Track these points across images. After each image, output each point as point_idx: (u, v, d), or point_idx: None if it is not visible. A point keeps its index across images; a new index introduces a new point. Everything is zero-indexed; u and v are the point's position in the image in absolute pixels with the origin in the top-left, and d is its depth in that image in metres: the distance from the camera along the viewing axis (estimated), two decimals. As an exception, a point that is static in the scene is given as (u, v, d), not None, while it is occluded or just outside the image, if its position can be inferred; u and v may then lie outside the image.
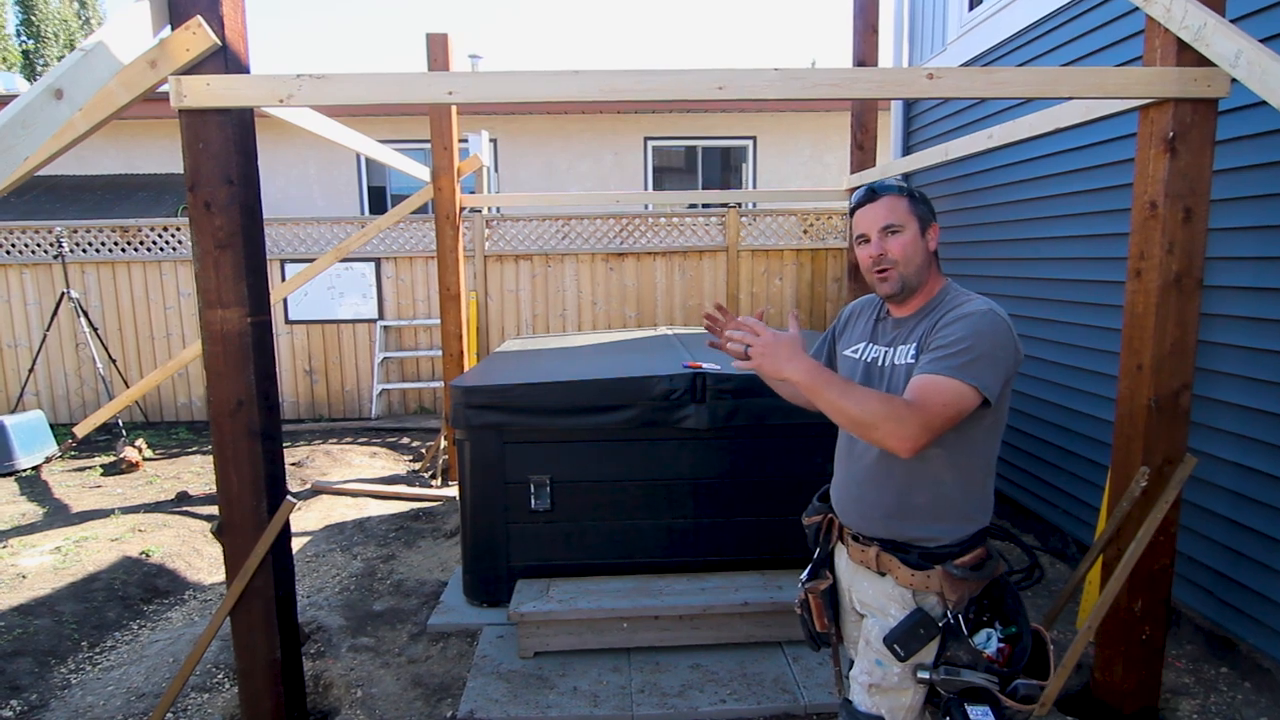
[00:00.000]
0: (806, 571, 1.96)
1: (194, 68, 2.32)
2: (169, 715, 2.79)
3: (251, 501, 2.52)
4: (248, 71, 2.45)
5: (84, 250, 7.31)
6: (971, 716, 1.60)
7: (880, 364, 1.78)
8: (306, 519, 4.88)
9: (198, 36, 2.29)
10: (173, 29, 2.31)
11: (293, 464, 6.06)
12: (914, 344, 1.71)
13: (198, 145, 2.37)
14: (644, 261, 7.60)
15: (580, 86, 2.34)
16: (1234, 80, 2.27)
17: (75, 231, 7.28)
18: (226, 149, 2.37)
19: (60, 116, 2.01)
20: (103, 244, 7.34)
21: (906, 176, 5.86)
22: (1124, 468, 2.66)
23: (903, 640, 1.66)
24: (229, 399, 2.47)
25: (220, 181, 2.38)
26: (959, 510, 1.70)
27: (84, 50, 2.08)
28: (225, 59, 2.35)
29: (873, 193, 1.75)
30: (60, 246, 6.83)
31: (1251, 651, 2.89)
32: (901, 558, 1.71)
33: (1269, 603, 2.82)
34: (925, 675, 1.66)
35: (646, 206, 9.28)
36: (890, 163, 5.18)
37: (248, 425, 2.48)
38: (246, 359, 2.46)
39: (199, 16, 2.28)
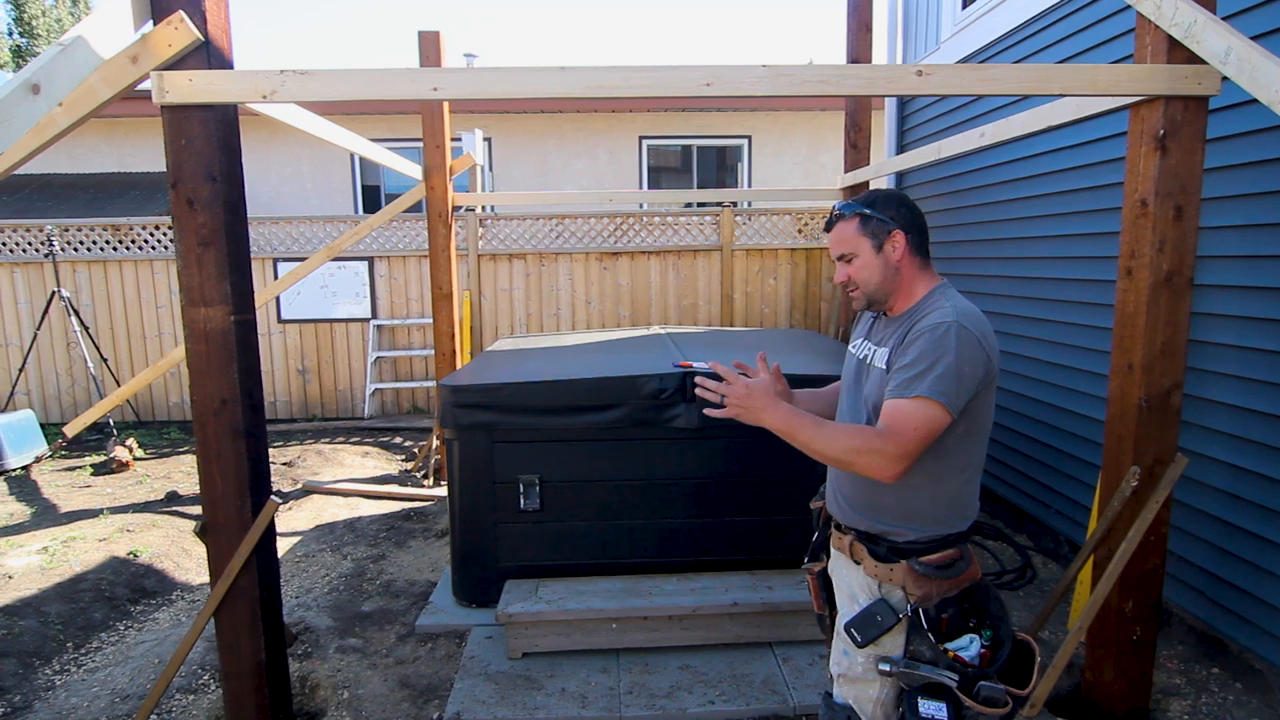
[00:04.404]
0: (808, 553, 2.03)
1: (176, 63, 2.29)
2: (153, 717, 2.76)
3: (235, 501, 2.49)
4: (231, 67, 2.43)
5: (75, 249, 7.27)
6: (922, 710, 1.59)
7: (867, 361, 1.82)
8: (297, 519, 4.85)
9: (180, 31, 2.26)
10: (155, 24, 2.28)
11: (284, 463, 6.03)
12: (888, 350, 1.72)
13: (180, 142, 2.34)
14: (638, 261, 7.58)
15: (567, 83, 2.32)
16: (1225, 78, 2.26)
17: (66, 230, 7.24)
18: (209, 145, 2.35)
19: (38, 111, 1.98)
20: (94, 243, 7.30)
21: (900, 175, 5.86)
22: (1115, 467, 2.65)
23: (860, 625, 1.69)
24: (212, 398, 2.44)
25: (203, 178, 2.36)
26: (926, 513, 1.71)
27: (62, 45, 2.06)
28: (208, 54, 2.33)
29: (830, 219, 1.81)
30: (51, 245, 6.79)
31: (1243, 652, 2.88)
32: (870, 549, 1.74)
33: (1261, 603, 2.80)
34: (886, 668, 1.66)
35: (641, 205, 9.26)
36: (884, 161, 5.17)
37: (231, 424, 2.46)
38: (230, 358, 2.44)
39: (181, 11, 2.26)
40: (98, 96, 2.28)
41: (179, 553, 4.29)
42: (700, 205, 8.87)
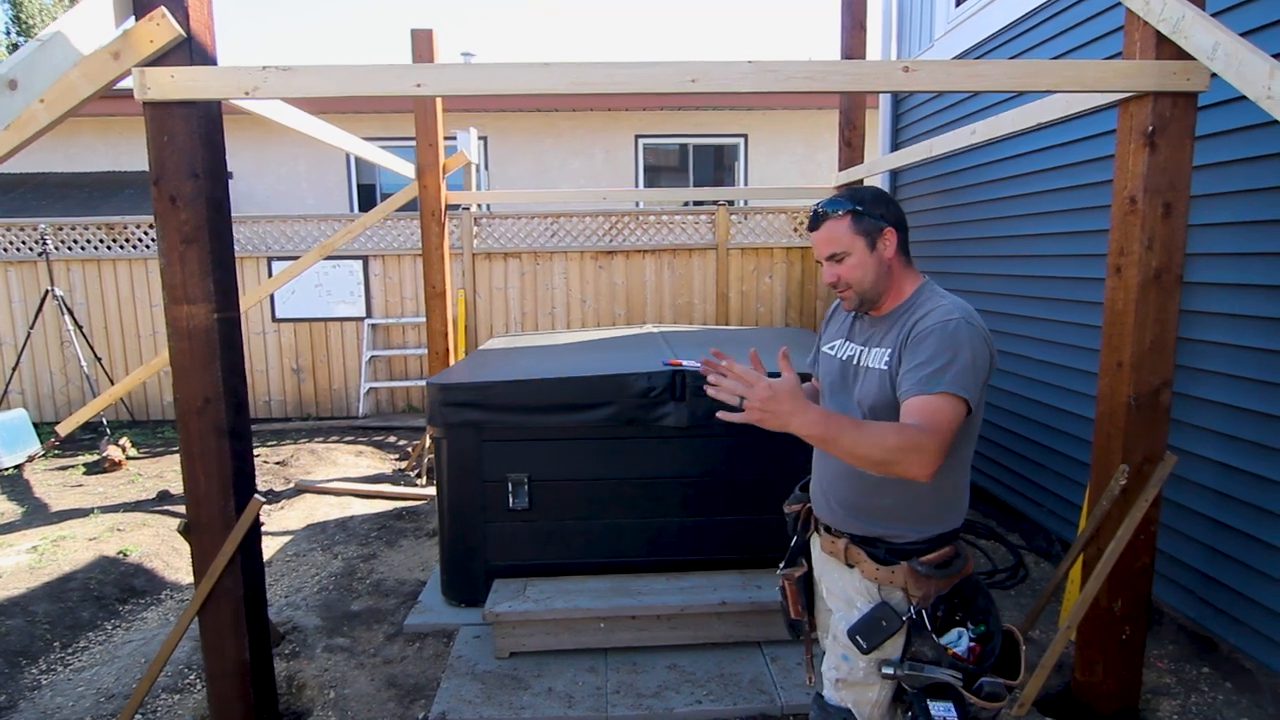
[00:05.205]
0: (784, 559, 1.98)
1: (158, 59, 2.28)
2: (138, 717, 2.75)
3: (219, 500, 2.48)
4: (214, 64, 2.42)
5: (69, 248, 7.26)
6: (933, 712, 1.58)
7: (855, 362, 1.78)
8: (289, 518, 4.83)
9: (162, 28, 2.25)
10: (136, 20, 2.27)
11: (277, 462, 6.02)
12: (888, 349, 1.68)
13: (162, 138, 2.33)
14: (633, 259, 7.57)
15: (550, 79, 2.31)
16: (1214, 74, 2.24)
17: (61, 229, 7.22)
18: (192, 142, 2.34)
19: (14, 107, 1.98)
20: (88, 242, 7.28)
21: (895, 173, 5.85)
22: (1104, 466, 2.64)
23: (865, 631, 1.66)
24: (195, 396, 2.43)
25: (186, 175, 2.35)
26: (926, 512, 1.69)
27: (40, 41, 2.05)
28: (190, 51, 2.31)
29: (816, 218, 1.74)
30: (44, 244, 6.78)
31: (1233, 651, 2.87)
32: (869, 552, 1.72)
33: (1250, 602, 2.79)
34: (890, 671, 1.64)
35: (638, 204, 9.24)
36: (877, 159, 5.16)
37: (215, 423, 2.44)
38: (213, 356, 2.43)
39: (163, 7, 2.24)
40: (79, 93, 2.26)
41: (169, 552, 4.28)
42: (697, 204, 8.86)
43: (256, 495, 2.55)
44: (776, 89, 2.31)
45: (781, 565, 1.97)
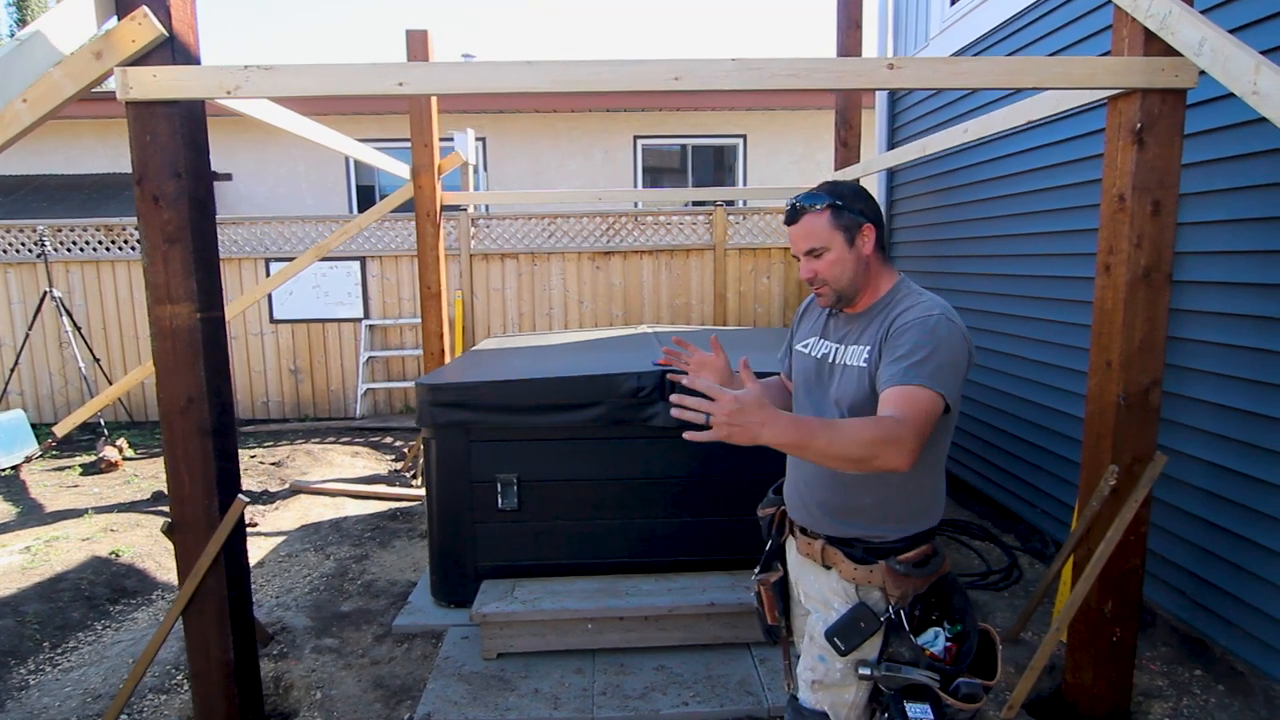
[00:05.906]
0: (759, 564, 1.96)
1: (140, 59, 2.27)
2: (123, 717, 2.74)
3: (203, 500, 2.47)
4: (198, 63, 2.41)
5: (68, 249, 7.28)
6: (910, 714, 1.56)
7: (831, 360, 1.76)
8: (283, 519, 4.83)
9: (144, 27, 2.24)
10: (119, 19, 2.27)
11: (273, 463, 6.02)
12: (866, 346, 1.67)
13: (145, 138, 2.32)
14: (631, 260, 7.56)
15: (534, 77, 2.30)
16: (1203, 71, 2.23)
17: (59, 230, 7.24)
18: (174, 142, 2.33)
19: (-8, 106, 1.97)
20: (87, 243, 7.30)
21: (891, 173, 5.83)
22: (1094, 466, 2.62)
23: (842, 633, 1.64)
24: (179, 396, 2.42)
25: (168, 175, 2.34)
26: (905, 511, 1.68)
27: (20, 40, 2.05)
28: (173, 50, 2.31)
29: (793, 211, 1.71)
30: (43, 245, 6.80)
31: (1225, 654, 2.84)
32: (846, 552, 1.70)
33: (1242, 604, 2.77)
34: (866, 672, 1.63)
35: (636, 205, 9.22)
36: (872, 159, 5.14)
37: (199, 423, 2.44)
38: (197, 355, 2.42)
39: (145, 7, 2.23)
40: (62, 92, 2.26)
41: (161, 552, 4.27)
42: (696, 204, 8.84)
43: (240, 495, 2.55)
44: (760, 86, 2.29)
45: (756, 570, 1.96)
